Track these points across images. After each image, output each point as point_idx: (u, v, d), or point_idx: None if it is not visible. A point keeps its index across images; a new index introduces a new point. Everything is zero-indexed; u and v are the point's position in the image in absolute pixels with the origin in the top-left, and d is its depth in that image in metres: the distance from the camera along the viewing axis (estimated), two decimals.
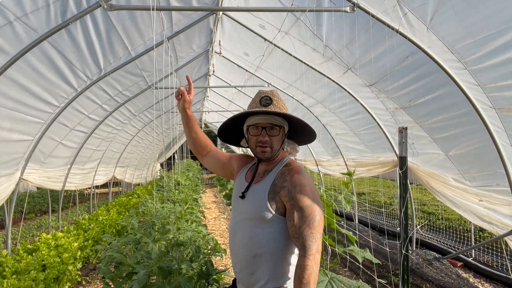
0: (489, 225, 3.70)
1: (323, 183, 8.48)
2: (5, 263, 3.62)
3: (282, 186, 1.29)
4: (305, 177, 1.31)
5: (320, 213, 1.27)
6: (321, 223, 1.26)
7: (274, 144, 1.39)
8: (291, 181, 1.28)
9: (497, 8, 2.32)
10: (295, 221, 1.24)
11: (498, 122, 3.12)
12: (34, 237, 7.04)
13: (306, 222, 1.23)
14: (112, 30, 3.50)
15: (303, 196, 1.24)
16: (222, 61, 6.09)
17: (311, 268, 1.18)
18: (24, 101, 3.45)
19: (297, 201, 1.25)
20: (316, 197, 1.29)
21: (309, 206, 1.24)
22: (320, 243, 1.25)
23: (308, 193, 1.25)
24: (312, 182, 1.32)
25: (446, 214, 7.41)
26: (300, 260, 1.21)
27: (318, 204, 1.27)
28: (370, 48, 3.44)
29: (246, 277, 1.35)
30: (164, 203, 4.12)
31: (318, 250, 1.23)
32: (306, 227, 1.23)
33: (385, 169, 5.14)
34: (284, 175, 1.33)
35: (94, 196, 9.82)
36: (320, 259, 1.24)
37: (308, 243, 1.21)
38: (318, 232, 1.24)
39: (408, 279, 1.90)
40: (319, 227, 1.24)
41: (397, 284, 4.18)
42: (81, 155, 6.06)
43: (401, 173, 1.90)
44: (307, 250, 1.20)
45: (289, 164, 1.39)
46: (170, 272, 2.03)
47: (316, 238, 1.23)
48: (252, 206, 1.35)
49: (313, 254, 1.20)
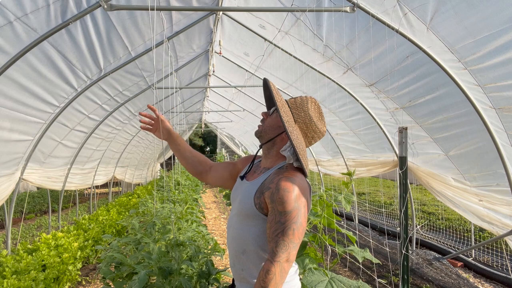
0: (489, 225, 3.71)
1: (323, 183, 8.48)
2: (5, 263, 3.62)
3: (268, 187, 1.27)
4: (294, 183, 1.24)
5: (299, 223, 1.21)
6: (297, 233, 1.20)
7: (266, 124, 1.39)
8: (277, 184, 1.24)
9: (497, 8, 2.32)
10: (272, 224, 1.22)
11: (498, 122, 3.12)
12: (34, 237, 7.04)
13: (281, 228, 1.19)
14: (112, 30, 3.50)
15: (284, 202, 1.20)
16: (222, 61, 6.09)
17: (273, 274, 1.16)
18: (24, 101, 3.45)
19: (277, 205, 1.21)
20: (300, 205, 1.22)
21: (288, 213, 1.20)
22: (292, 253, 1.20)
23: (290, 199, 1.20)
24: (303, 189, 1.26)
25: (446, 214, 7.41)
26: (266, 263, 1.19)
27: (299, 213, 1.21)
28: (370, 48, 3.44)
29: (237, 272, 1.36)
30: (164, 203, 4.12)
31: (287, 259, 1.19)
32: (279, 233, 1.19)
33: (385, 169, 5.14)
34: (274, 176, 1.29)
35: (94, 196, 9.82)
36: (288, 269, 1.20)
37: (277, 249, 1.18)
38: (292, 241, 1.19)
39: (408, 279, 1.90)
40: (293, 236, 1.19)
41: (397, 284, 4.18)
42: (81, 155, 6.06)
43: (401, 173, 1.90)
44: (274, 256, 1.18)
45: (285, 168, 1.34)
46: (170, 272, 2.03)
47: (288, 247, 1.18)
48: (241, 202, 1.35)
49: (279, 262, 1.17)
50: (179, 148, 1.61)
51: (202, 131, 22.21)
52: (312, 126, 1.37)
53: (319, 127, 1.38)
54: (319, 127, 1.38)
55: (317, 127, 1.38)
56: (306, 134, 1.38)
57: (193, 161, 1.61)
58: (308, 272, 2.25)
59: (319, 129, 1.39)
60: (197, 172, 1.63)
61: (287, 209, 1.20)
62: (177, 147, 1.61)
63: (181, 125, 12.41)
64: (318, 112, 1.41)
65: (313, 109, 1.38)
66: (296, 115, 1.36)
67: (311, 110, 1.37)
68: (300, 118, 1.36)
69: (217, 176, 1.61)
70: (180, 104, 8.67)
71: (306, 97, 1.40)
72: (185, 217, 3.57)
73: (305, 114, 1.36)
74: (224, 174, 1.60)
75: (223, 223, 7.93)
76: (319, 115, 1.40)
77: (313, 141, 1.41)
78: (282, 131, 1.37)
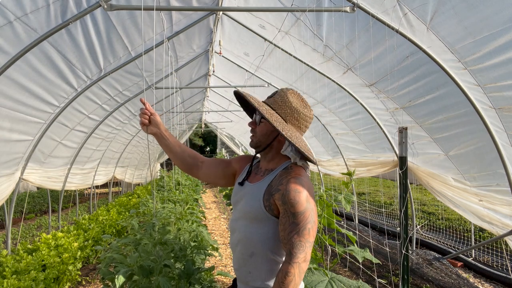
0: (489, 225, 3.71)
1: (323, 183, 8.48)
2: (5, 263, 3.62)
3: (277, 189, 1.27)
4: (302, 182, 1.25)
5: (313, 222, 1.23)
6: (312, 232, 1.22)
7: (258, 133, 1.38)
8: (286, 185, 1.24)
9: (497, 8, 2.32)
10: (286, 226, 1.22)
11: (498, 122, 3.12)
12: (34, 237, 7.04)
13: (296, 229, 1.20)
14: (112, 30, 3.50)
15: (296, 202, 1.21)
16: (222, 61, 6.09)
17: (292, 276, 1.17)
18: (24, 101, 3.45)
19: (289, 206, 1.22)
20: (311, 204, 1.24)
21: (301, 213, 1.21)
22: (308, 252, 1.21)
23: (302, 200, 1.21)
24: (310, 188, 1.28)
25: (446, 214, 7.41)
26: (284, 265, 1.20)
27: (311, 212, 1.23)
28: (370, 48, 3.44)
29: (244, 275, 1.36)
30: (164, 203, 4.12)
31: (305, 259, 1.20)
32: (295, 234, 1.20)
33: (385, 169, 5.14)
34: (281, 178, 1.30)
35: (94, 196, 9.83)
36: (305, 269, 1.21)
37: (295, 250, 1.19)
38: (308, 241, 1.21)
39: (408, 279, 1.90)
40: (308, 236, 1.21)
41: (397, 284, 4.18)
42: (81, 155, 6.06)
43: (401, 173, 1.90)
44: (292, 258, 1.18)
45: (290, 168, 1.34)
46: (151, 271, 2.02)
47: (304, 246, 1.20)
48: (248, 205, 1.35)
49: (298, 263, 1.18)
50: (168, 143, 1.54)
51: (202, 131, 22.21)
52: (302, 116, 1.37)
53: (307, 114, 1.39)
54: (307, 115, 1.39)
55: (306, 115, 1.38)
56: (299, 127, 1.38)
57: (183, 156, 1.56)
58: (308, 272, 2.25)
59: (308, 116, 1.40)
60: (188, 167, 1.57)
61: (299, 209, 1.21)
62: (165, 141, 1.54)
63: (181, 125, 12.41)
64: (301, 100, 1.40)
65: (295, 100, 1.38)
66: (284, 114, 1.35)
67: (294, 102, 1.37)
68: (289, 115, 1.36)
69: (210, 172, 1.57)
70: (180, 104, 8.67)
71: (283, 91, 1.39)
72: (185, 217, 3.57)
73: (291, 110, 1.35)
74: (218, 171, 1.57)
75: (223, 223, 7.93)
76: (302, 103, 1.40)
77: (306, 129, 1.42)
78: (276, 134, 1.37)
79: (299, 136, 1.36)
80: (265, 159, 1.43)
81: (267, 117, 1.27)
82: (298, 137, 1.33)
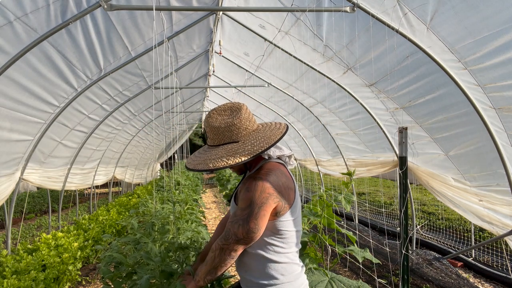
0: (489, 225, 3.70)
1: (323, 183, 8.48)
2: (5, 263, 3.62)
3: (241, 190, 1.38)
4: (257, 181, 1.30)
5: (248, 224, 1.27)
6: (242, 229, 1.28)
7: (236, 168, 1.51)
8: (244, 185, 1.35)
9: (497, 8, 2.32)
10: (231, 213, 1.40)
11: (498, 122, 3.12)
12: (34, 237, 7.04)
13: (233, 219, 1.33)
14: (112, 30, 3.50)
15: (241, 199, 1.33)
16: (222, 61, 6.09)
17: (213, 252, 1.34)
18: (24, 101, 3.45)
19: (239, 200, 1.35)
20: (259, 201, 1.28)
21: (242, 209, 1.31)
22: (236, 248, 1.30)
23: (246, 198, 1.30)
24: (266, 186, 1.29)
25: (446, 214, 7.41)
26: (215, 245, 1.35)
27: (253, 211, 1.27)
28: (370, 48, 3.44)
29: (242, 275, 1.46)
30: (164, 203, 4.12)
31: (229, 246, 1.31)
32: (228, 222, 1.34)
33: (385, 169, 5.14)
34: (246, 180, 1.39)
35: (94, 196, 9.83)
36: (234, 256, 1.32)
37: (225, 235, 1.33)
38: (234, 234, 1.30)
39: (408, 279, 1.90)
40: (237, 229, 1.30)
41: (397, 284, 4.18)
42: (81, 155, 6.06)
43: (401, 173, 1.90)
44: (221, 239, 1.33)
45: (259, 169, 1.40)
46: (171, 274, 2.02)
47: (230, 234, 1.31)
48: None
49: (220, 247, 1.32)
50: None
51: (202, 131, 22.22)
52: (237, 122, 1.37)
53: (238, 116, 1.38)
54: (239, 116, 1.38)
55: (239, 117, 1.38)
56: (246, 128, 1.39)
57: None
58: (308, 272, 2.25)
59: (240, 114, 1.39)
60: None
61: (241, 206, 1.34)
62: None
63: (181, 125, 12.41)
64: (222, 113, 1.42)
65: (220, 120, 1.39)
66: (229, 138, 1.37)
67: (221, 122, 1.38)
68: (233, 135, 1.37)
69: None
70: (180, 104, 8.67)
71: (206, 123, 1.41)
72: (185, 217, 3.57)
73: (228, 129, 1.36)
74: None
75: None
76: (224, 114, 1.42)
77: (251, 117, 1.43)
78: (247, 160, 1.33)
79: (255, 139, 1.37)
80: (250, 171, 1.54)
81: (223, 166, 1.30)
82: (255, 143, 1.34)
